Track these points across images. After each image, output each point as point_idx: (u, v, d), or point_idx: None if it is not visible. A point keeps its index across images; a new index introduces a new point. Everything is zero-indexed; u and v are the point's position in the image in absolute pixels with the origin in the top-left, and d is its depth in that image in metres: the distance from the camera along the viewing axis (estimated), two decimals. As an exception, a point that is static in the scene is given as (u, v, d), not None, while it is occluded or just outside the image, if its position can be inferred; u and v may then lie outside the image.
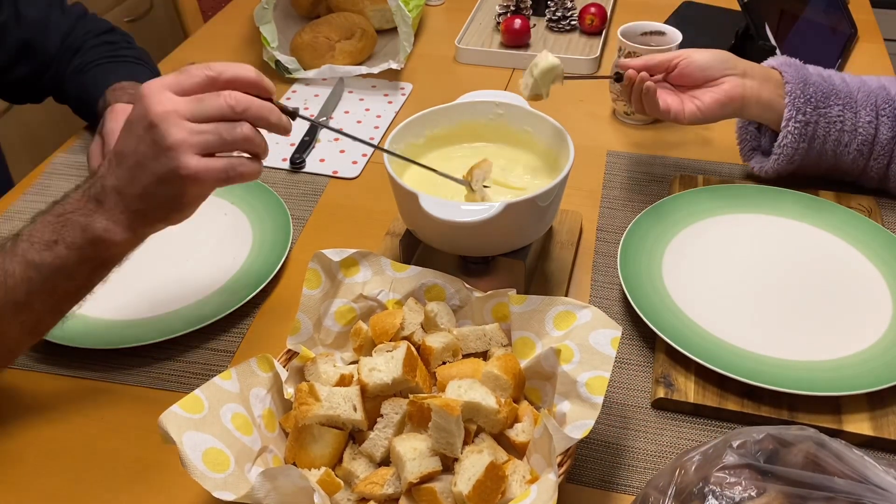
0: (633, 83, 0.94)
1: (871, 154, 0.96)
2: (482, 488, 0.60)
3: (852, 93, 0.95)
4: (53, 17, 1.12)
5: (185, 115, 0.64)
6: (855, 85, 0.96)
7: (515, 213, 0.76)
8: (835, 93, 0.94)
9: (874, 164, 0.97)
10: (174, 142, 0.63)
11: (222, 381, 0.67)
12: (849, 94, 0.95)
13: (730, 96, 0.94)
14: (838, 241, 0.92)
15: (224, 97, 0.65)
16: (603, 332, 0.67)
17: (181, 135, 0.63)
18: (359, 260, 0.78)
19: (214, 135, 0.65)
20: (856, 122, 0.94)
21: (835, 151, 0.96)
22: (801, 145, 0.94)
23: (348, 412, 0.66)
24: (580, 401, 0.64)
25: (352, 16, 1.38)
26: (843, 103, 0.94)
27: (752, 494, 0.55)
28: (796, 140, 0.94)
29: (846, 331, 0.81)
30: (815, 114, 0.93)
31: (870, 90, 0.95)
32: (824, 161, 0.98)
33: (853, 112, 0.94)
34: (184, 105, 0.64)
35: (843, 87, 0.95)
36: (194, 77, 0.65)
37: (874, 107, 0.94)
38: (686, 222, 0.95)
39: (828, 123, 0.94)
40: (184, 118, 0.63)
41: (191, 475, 0.59)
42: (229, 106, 0.65)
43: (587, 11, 1.39)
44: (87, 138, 1.20)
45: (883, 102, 0.94)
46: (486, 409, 0.65)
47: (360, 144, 1.16)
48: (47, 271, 0.67)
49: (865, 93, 0.95)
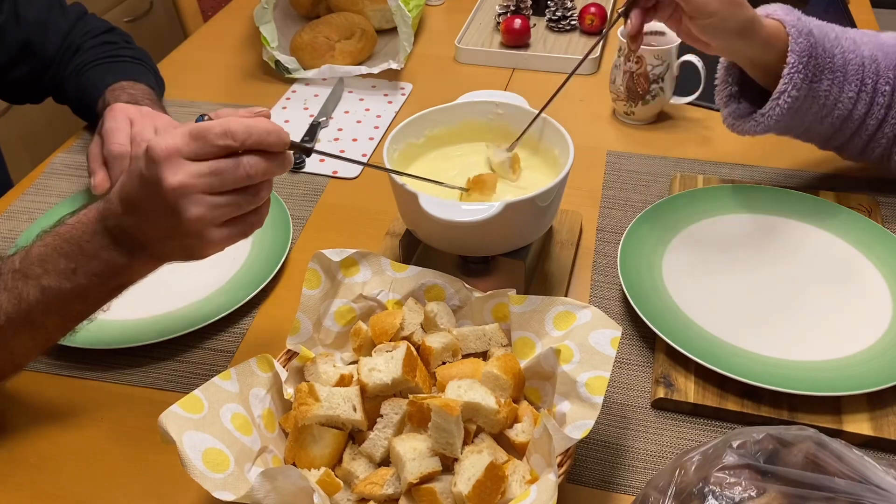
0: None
1: (842, 127, 0.94)
2: (482, 488, 0.60)
3: (845, 65, 0.92)
4: (53, 18, 1.12)
5: (204, 190, 0.61)
6: (851, 52, 0.92)
7: (515, 213, 0.76)
8: (831, 66, 0.90)
9: (839, 136, 0.95)
10: (194, 217, 0.62)
11: (222, 382, 0.67)
12: (842, 66, 0.92)
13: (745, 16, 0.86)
14: (838, 241, 0.92)
15: (244, 168, 0.62)
16: (603, 332, 0.67)
17: (201, 211, 0.61)
18: (358, 260, 0.78)
19: (234, 207, 0.63)
20: (838, 97, 0.92)
21: (811, 122, 0.94)
22: (783, 118, 0.91)
23: (348, 412, 0.66)
24: (580, 401, 0.64)
25: (352, 16, 1.38)
26: (833, 77, 0.91)
27: (752, 494, 0.55)
28: (782, 114, 0.91)
29: (846, 331, 0.81)
30: (806, 87, 0.90)
31: (860, 62, 0.92)
32: (798, 128, 0.95)
33: (839, 87, 0.91)
34: (202, 181, 0.61)
35: (840, 57, 0.91)
36: (212, 146, 0.61)
37: (859, 82, 0.92)
38: (686, 222, 0.95)
39: (813, 97, 0.91)
40: (202, 192, 0.61)
41: (190, 475, 0.59)
42: (248, 176, 0.62)
43: (587, 11, 1.39)
44: (87, 138, 1.20)
45: (868, 77, 0.92)
46: (485, 410, 0.65)
47: (360, 145, 1.17)
48: (66, 297, 0.67)
49: (856, 65, 0.92)
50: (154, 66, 1.21)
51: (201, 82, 1.35)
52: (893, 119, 0.92)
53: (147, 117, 0.99)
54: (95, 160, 0.97)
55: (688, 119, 1.20)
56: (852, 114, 0.93)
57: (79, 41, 1.13)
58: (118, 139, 0.95)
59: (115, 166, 0.95)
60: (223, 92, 1.32)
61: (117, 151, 0.95)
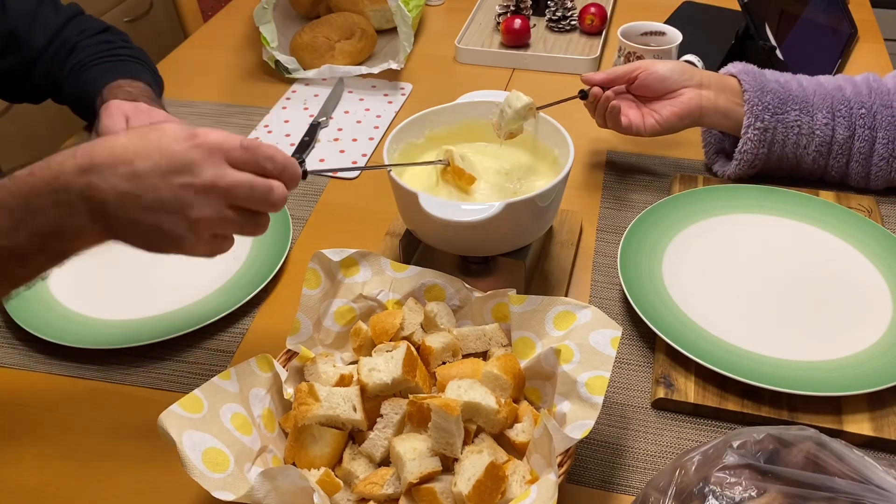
0: (598, 101, 0.99)
1: (830, 154, 0.99)
2: (482, 488, 0.60)
3: (808, 97, 0.98)
4: (42, 12, 1.12)
5: (226, 197, 0.60)
6: (811, 88, 0.99)
7: (515, 212, 0.76)
8: (791, 98, 0.97)
9: (834, 164, 0.99)
10: (201, 218, 0.60)
11: (222, 381, 0.67)
12: (805, 98, 0.98)
13: (687, 108, 0.98)
14: (838, 241, 0.92)
15: (275, 194, 0.61)
16: (603, 332, 0.67)
17: (210, 214, 0.60)
18: (358, 260, 0.78)
19: (237, 225, 0.62)
20: (812, 125, 0.97)
21: (795, 154, 0.99)
22: (760, 150, 0.98)
23: (348, 412, 0.66)
24: (580, 401, 0.64)
25: (352, 16, 1.38)
26: (800, 108, 0.97)
27: (753, 494, 0.54)
28: (756, 146, 0.98)
29: (846, 331, 0.81)
30: (773, 120, 0.96)
31: (826, 92, 0.98)
32: (786, 163, 1.01)
33: (809, 115, 0.97)
34: (232, 189, 0.60)
35: (800, 91, 0.98)
36: (255, 164, 0.60)
37: (830, 109, 0.97)
38: (686, 222, 0.95)
39: (786, 128, 0.97)
40: (223, 199, 0.60)
41: (190, 475, 0.59)
42: (273, 204, 0.62)
43: (587, 11, 1.39)
44: (86, 138, 1.19)
45: (839, 104, 0.97)
46: (485, 409, 0.65)
47: (360, 145, 1.17)
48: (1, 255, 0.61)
49: (821, 95, 0.98)
50: (152, 64, 1.21)
51: (201, 82, 1.35)
52: (884, 140, 0.96)
53: (143, 113, 0.99)
54: None
55: (688, 119, 1.20)
56: (834, 139, 0.97)
57: (74, 39, 1.13)
58: None
59: None
60: (223, 92, 1.32)
61: None
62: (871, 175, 0.99)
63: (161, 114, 1.01)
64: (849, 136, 0.97)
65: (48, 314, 0.87)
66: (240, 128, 1.22)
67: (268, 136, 1.19)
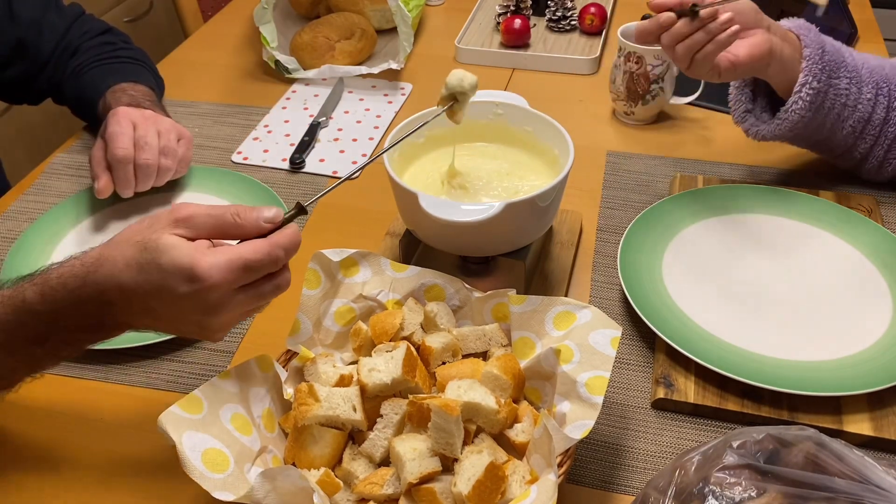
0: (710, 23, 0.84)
1: (863, 133, 0.95)
2: (482, 488, 0.60)
3: (858, 67, 0.93)
4: (48, 18, 1.12)
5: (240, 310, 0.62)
6: (860, 60, 0.94)
7: (515, 212, 0.76)
8: (844, 64, 0.92)
9: (860, 144, 0.96)
10: (220, 326, 0.62)
11: (222, 382, 0.67)
12: (855, 67, 0.93)
13: (760, 51, 0.87)
14: (838, 241, 0.92)
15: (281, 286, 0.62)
16: (603, 332, 0.67)
17: (228, 319, 0.62)
18: (358, 260, 0.78)
19: (243, 316, 0.64)
20: (858, 97, 0.93)
21: (833, 125, 0.94)
22: (807, 113, 0.91)
23: (348, 413, 0.66)
24: (580, 401, 0.64)
25: (351, 16, 1.38)
26: (851, 76, 0.92)
27: (752, 494, 0.54)
28: (805, 106, 0.90)
29: (846, 331, 0.81)
30: (827, 83, 0.90)
31: (871, 67, 0.94)
32: (820, 133, 0.96)
33: (858, 87, 0.92)
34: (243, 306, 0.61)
35: (851, 60, 0.93)
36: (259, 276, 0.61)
37: (875, 84, 0.93)
38: (686, 222, 0.95)
39: (835, 95, 0.92)
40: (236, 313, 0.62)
41: (190, 475, 0.59)
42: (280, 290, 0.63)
43: (587, 11, 1.39)
44: (87, 138, 1.20)
45: (882, 81, 0.94)
46: (485, 410, 0.65)
47: (360, 145, 1.17)
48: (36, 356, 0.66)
49: (869, 69, 0.94)
50: (153, 66, 1.21)
51: (201, 82, 1.35)
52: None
53: (150, 121, 0.99)
54: (99, 164, 0.97)
55: (688, 119, 1.20)
56: (872, 118, 0.93)
57: (77, 42, 1.13)
58: (122, 143, 0.95)
59: (119, 170, 0.96)
60: (223, 92, 1.32)
61: (121, 155, 0.95)
62: (884, 163, 0.96)
63: (167, 121, 1.02)
64: (884, 118, 0.93)
65: (48, 314, 0.87)
66: (240, 128, 1.22)
67: (268, 135, 1.19)
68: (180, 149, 1.02)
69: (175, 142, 1.01)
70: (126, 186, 0.97)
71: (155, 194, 1.03)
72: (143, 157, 0.96)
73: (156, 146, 0.98)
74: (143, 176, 0.97)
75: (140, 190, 0.99)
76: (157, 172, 0.98)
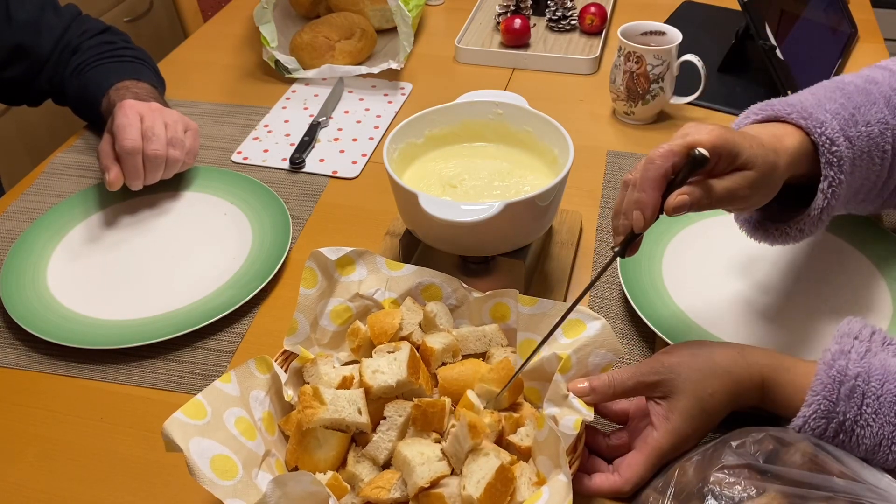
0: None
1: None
2: (493, 491, 0.59)
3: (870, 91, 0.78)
4: (46, 19, 1.12)
5: None
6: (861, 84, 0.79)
7: (515, 212, 0.76)
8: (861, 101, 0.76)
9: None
10: None
11: (223, 385, 0.66)
12: (867, 91, 0.78)
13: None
14: (838, 241, 0.92)
15: None
16: (599, 354, 0.67)
17: None
18: (354, 258, 0.78)
19: None
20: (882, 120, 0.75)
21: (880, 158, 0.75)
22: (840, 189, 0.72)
23: (353, 415, 0.65)
24: (571, 409, 0.64)
25: (351, 16, 1.38)
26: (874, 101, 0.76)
27: (752, 494, 0.55)
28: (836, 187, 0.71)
29: (846, 331, 0.81)
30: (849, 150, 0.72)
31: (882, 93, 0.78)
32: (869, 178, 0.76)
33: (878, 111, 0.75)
34: None
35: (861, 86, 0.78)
36: None
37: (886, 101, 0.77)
38: (686, 222, 0.95)
39: (868, 130, 0.73)
40: None
41: (200, 483, 0.58)
42: None
43: (587, 11, 1.39)
44: (88, 137, 1.20)
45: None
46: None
47: (360, 145, 1.17)
48: None
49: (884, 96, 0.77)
50: (154, 65, 1.21)
51: (201, 82, 1.35)
52: None
53: (156, 112, 0.99)
54: (108, 157, 0.97)
55: (688, 119, 1.20)
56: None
57: (76, 41, 1.13)
58: (130, 135, 0.95)
59: (128, 162, 0.96)
60: (223, 92, 1.32)
61: (129, 147, 0.95)
62: None
63: (174, 113, 1.02)
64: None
65: (48, 314, 0.87)
66: (240, 128, 1.22)
67: (268, 135, 1.19)
68: (187, 140, 1.02)
69: (182, 133, 1.01)
70: (136, 178, 0.97)
71: (162, 190, 1.04)
72: (152, 148, 0.96)
73: (163, 137, 0.98)
74: (151, 167, 0.97)
75: (149, 182, 0.99)
76: (166, 164, 0.99)
